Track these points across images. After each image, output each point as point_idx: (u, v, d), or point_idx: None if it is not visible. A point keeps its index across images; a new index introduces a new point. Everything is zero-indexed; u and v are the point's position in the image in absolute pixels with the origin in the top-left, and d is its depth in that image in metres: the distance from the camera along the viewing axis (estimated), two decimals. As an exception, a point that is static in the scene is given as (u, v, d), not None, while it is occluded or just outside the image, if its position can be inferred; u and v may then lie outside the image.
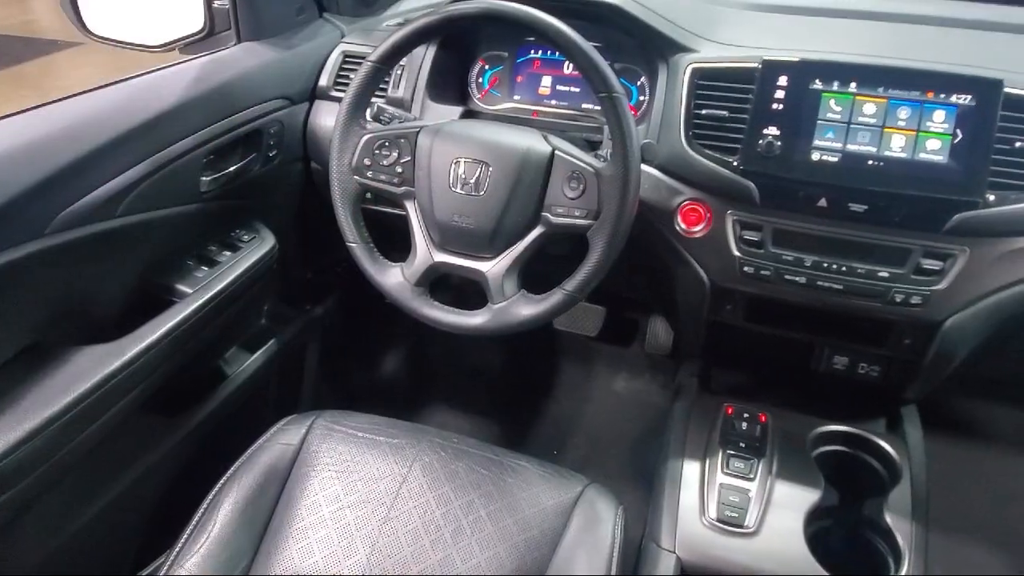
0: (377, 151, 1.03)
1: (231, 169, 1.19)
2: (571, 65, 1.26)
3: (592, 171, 0.94)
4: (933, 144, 0.92)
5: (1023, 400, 1.55)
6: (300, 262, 1.51)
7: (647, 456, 1.51)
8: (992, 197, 0.91)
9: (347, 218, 1.04)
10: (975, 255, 0.95)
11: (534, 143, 0.98)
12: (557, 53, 1.22)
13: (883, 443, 1.10)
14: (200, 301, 1.08)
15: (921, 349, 1.02)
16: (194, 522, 0.95)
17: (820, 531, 1.04)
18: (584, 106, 1.26)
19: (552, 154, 0.97)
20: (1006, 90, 0.90)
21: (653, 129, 1.08)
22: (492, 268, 1.00)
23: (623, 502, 1.00)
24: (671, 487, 1.07)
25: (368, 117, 1.08)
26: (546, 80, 1.29)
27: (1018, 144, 0.91)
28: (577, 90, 1.27)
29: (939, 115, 0.92)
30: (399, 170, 1.03)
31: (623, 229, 0.93)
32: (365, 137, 1.03)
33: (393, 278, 1.04)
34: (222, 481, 0.99)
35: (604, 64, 0.92)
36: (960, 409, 1.61)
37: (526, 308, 0.99)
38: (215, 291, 1.11)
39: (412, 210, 1.04)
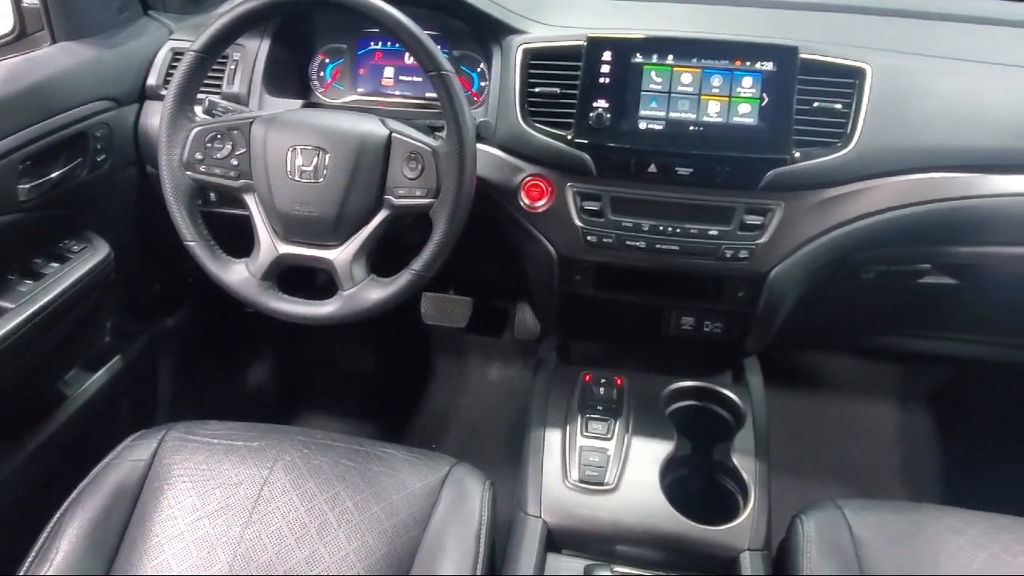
0: (209, 144, 0.99)
1: (53, 176, 1.11)
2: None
3: (429, 150, 0.96)
4: (744, 108, 0.99)
5: (851, 346, 1.70)
6: (145, 273, 1.43)
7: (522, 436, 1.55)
8: (798, 153, 0.99)
9: (182, 216, 1.00)
10: (789, 208, 1.03)
11: (371, 127, 0.98)
12: (398, 44, 1.23)
13: (729, 393, 1.17)
14: (23, 316, 1.01)
15: (753, 300, 1.10)
16: (34, 553, 0.88)
17: (677, 480, 1.10)
18: (428, 95, 1.27)
19: (390, 136, 0.97)
20: (802, 56, 0.99)
21: (492, 110, 1.11)
22: (339, 255, 0.99)
23: (499, 481, 1.01)
24: (535, 456, 1.10)
25: (200, 112, 1.04)
26: (388, 71, 1.29)
27: (816, 104, 1.00)
28: (420, 80, 1.28)
29: (747, 81, 1.00)
30: (234, 163, 1.00)
31: (463, 204, 0.95)
32: (195, 130, 0.99)
33: (237, 274, 1.01)
34: (64, 506, 0.93)
35: (431, 43, 0.93)
36: (799, 360, 1.75)
37: (376, 292, 0.98)
38: (40, 305, 1.03)
39: (252, 203, 1.02)
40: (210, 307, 1.58)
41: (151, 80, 1.25)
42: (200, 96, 1.03)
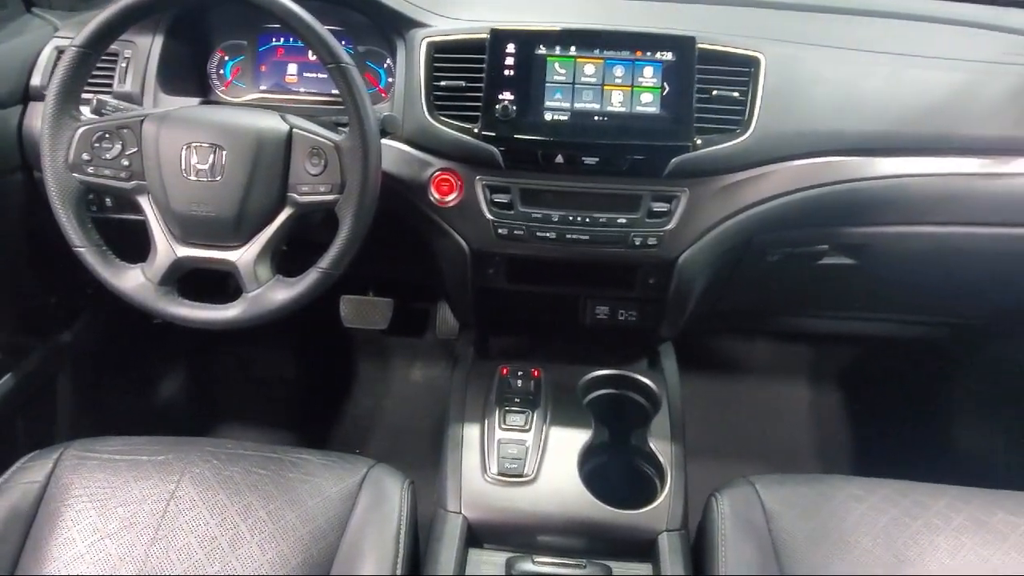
0: (97, 144, 0.95)
1: None
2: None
3: (332, 145, 0.94)
4: (646, 97, 1.01)
5: (762, 329, 1.76)
6: (38, 285, 1.35)
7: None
8: (700, 141, 1.01)
9: (70, 220, 0.95)
10: (694, 194, 1.05)
11: (271, 122, 0.96)
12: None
13: (645, 379, 1.19)
14: None
15: (664, 286, 1.12)
16: None
17: (596, 467, 1.11)
18: (334, 91, 1.24)
19: (290, 132, 0.95)
20: (700, 46, 1.01)
21: (397, 105, 1.09)
22: (242, 256, 0.96)
23: (425, 481, 1.00)
24: (453, 452, 1.09)
25: (88, 112, 0.99)
26: (292, 67, 1.26)
27: (715, 92, 1.03)
28: (325, 76, 1.25)
29: (648, 71, 1.01)
30: (125, 163, 0.95)
31: (369, 199, 0.93)
32: (81, 130, 0.94)
33: (133, 280, 0.97)
34: None
35: (328, 35, 0.91)
36: (714, 345, 1.81)
37: (282, 292, 0.96)
38: None
39: (147, 205, 0.97)
40: (112, 317, 1.50)
41: (35, 80, 1.18)
42: (88, 96, 0.99)
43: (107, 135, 0.95)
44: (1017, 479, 1.46)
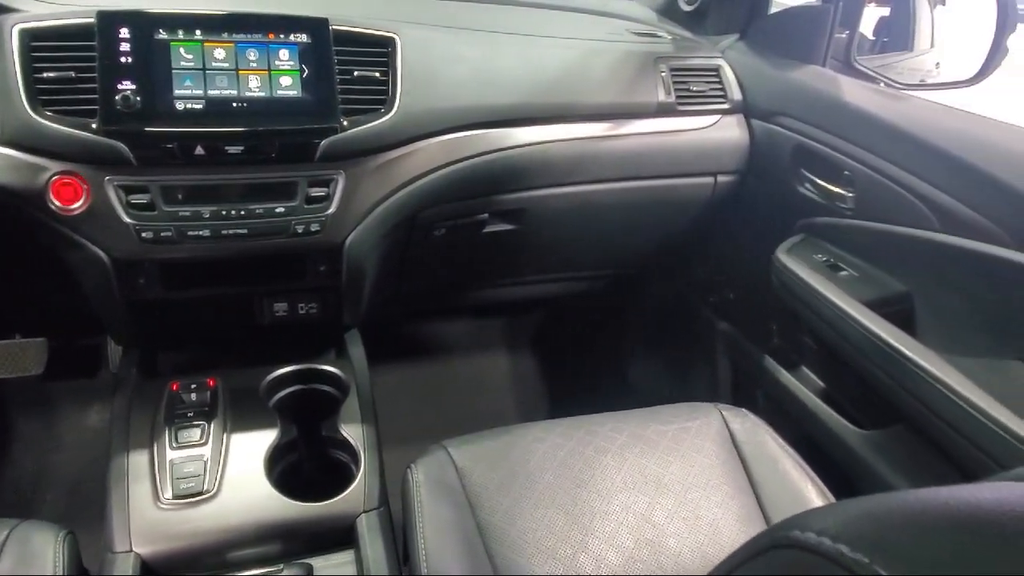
0: None
1: None
2: None
3: None
4: (286, 80, 0.98)
5: (454, 306, 1.84)
6: None
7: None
8: (346, 122, 1.01)
9: None
10: (351, 176, 1.05)
11: None
12: None
13: (331, 368, 1.17)
14: None
15: (336, 272, 1.10)
16: None
17: (288, 467, 1.06)
18: None
19: None
20: (334, 28, 1.01)
21: (-8, 103, 0.94)
22: None
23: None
24: (118, 487, 0.96)
25: None
26: None
27: (356, 73, 1.04)
28: None
29: (284, 54, 0.98)
30: None
31: None
32: None
33: None
34: None
35: None
36: (411, 329, 1.85)
37: None
38: None
39: None
40: None
41: None
42: None
43: None
44: (673, 396, 1.71)
